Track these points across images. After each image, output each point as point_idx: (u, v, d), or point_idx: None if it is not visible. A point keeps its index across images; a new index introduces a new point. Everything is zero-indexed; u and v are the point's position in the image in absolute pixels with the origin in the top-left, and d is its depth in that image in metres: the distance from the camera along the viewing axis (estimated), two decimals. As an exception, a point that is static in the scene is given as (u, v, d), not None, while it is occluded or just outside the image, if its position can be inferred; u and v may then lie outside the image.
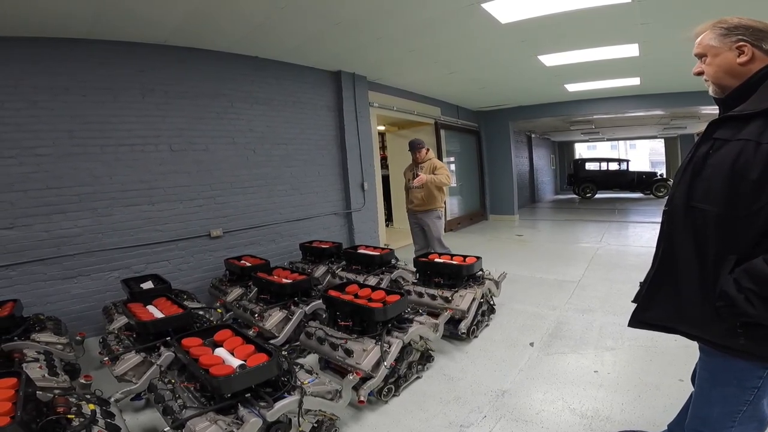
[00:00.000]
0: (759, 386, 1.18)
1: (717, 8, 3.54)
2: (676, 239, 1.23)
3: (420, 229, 4.80)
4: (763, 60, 1.15)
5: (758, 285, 1.02)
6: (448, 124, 8.32)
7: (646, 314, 1.33)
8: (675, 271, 1.23)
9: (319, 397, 1.87)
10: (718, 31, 1.22)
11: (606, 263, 5.41)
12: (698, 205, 1.16)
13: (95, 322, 3.46)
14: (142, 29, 3.57)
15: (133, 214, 3.79)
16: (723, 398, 1.26)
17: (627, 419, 2.14)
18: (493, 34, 4.28)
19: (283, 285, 3.17)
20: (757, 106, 1.08)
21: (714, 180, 1.12)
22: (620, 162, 16.01)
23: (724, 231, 1.11)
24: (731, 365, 1.20)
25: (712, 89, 1.27)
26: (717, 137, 1.15)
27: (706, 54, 1.25)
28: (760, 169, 1.02)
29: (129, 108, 3.76)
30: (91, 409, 1.67)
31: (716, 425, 1.29)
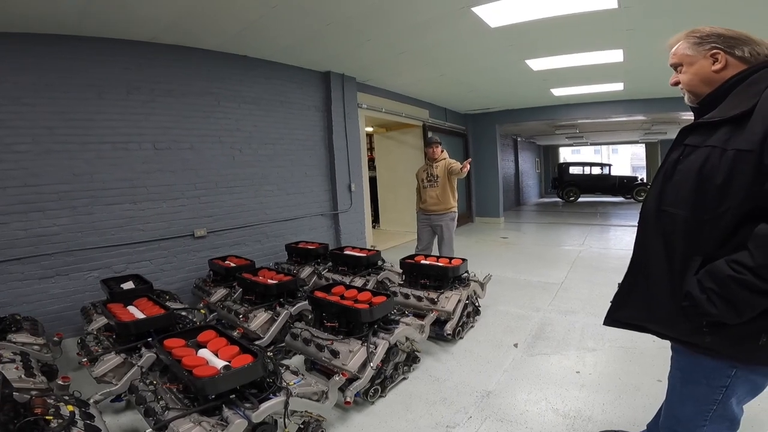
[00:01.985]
0: (727, 385, 1.20)
1: (701, 16, 3.66)
2: (647, 241, 1.26)
3: (429, 229, 4.72)
4: (736, 67, 1.18)
5: (719, 285, 1.05)
6: (436, 127, 8.36)
7: (620, 313, 1.36)
8: (646, 271, 1.26)
9: (305, 398, 1.86)
10: (691, 40, 1.24)
11: (588, 266, 5.50)
12: (668, 209, 1.19)
13: (73, 323, 3.38)
14: (131, 26, 3.51)
15: (114, 213, 3.71)
16: (694, 397, 1.29)
17: (608, 419, 2.18)
18: (482, 38, 4.32)
19: (268, 286, 3.14)
20: (725, 114, 1.11)
21: (682, 185, 1.16)
22: (603, 166, 16.34)
23: (691, 234, 1.14)
24: (700, 364, 1.23)
25: (687, 97, 1.30)
26: (687, 143, 1.19)
27: (682, 63, 1.28)
28: (725, 174, 1.06)
29: (113, 105, 3.68)
30: (69, 410, 1.63)
31: (689, 424, 1.32)
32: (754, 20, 3.72)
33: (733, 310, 1.05)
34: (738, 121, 1.07)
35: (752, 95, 1.08)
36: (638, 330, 1.34)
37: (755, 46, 1.17)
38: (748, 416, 2.15)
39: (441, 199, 4.54)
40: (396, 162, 8.61)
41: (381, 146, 9.05)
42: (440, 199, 4.55)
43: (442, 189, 4.54)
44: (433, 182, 4.58)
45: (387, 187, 8.97)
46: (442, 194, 4.54)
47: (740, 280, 1.01)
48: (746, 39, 1.18)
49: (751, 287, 1.00)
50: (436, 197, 4.56)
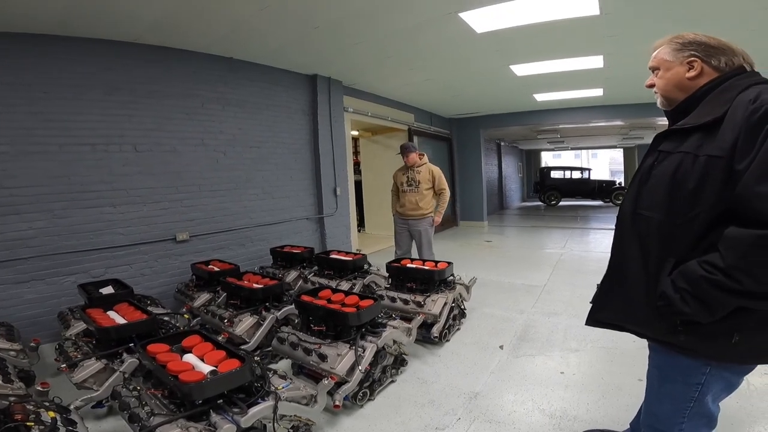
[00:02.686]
0: (702, 383, 1.24)
1: (680, 24, 3.78)
2: (624, 244, 1.30)
3: (408, 233, 4.69)
4: (710, 75, 1.22)
5: (692, 285, 1.09)
6: (421, 131, 8.42)
7: (600, 314, 1.40)
8: (623, 273, 1.30)
9: (294, 402, 1.84)
10: (673, 45, 1.28)
11: (569, 268, 5.61)
12: (643, 213, 1.23)
13: (50, 329, 3.26)
14: (113, 27, 3.44)
15: (93, 216, 3.61)
16: (671, 395, 1.32)
17: (593, 418, 2.21)
18: (468, 43, 4.37)
19: (254, 290, 3.10)
20: (697, 121, 1.15)
21: (657, 189, 1.20)
22: (583, 171, 16.69)
23: (665, 236, 1.18)
24: (676, 362, 1.26)
25: (660, 101, 1.34)
26: (661, 149, 1.23)
27: (659, 67, 1.31)
28: (696, 179, 1.10)
29: (93, 106, 3.59)
30: (51, 416, 1.58)
31: (668, 422, 1.35)
32: (731, 29, 3.87)
33: (705, 309, 1.08)
34: (709, 127, 1.11)
35: (723, 103, 1.12)
36: (618, 329, 1.37)
37: (732, 57, 1.22)
38: (726, 414, 2.21)
39: (420, 205, 4.53)
40: (381, 166, 8.62)
41: (366, 150, 9.06)
42: (419, 205, 4.53)
43: (422, 196, 4.52)
44: (413, 187, 4.55)
45: (372, 191, 8.97)
46: (422, 200, 4.52)
47: (712, 280, 1.04)
48: (726, 49, 1.22)
49: (722, 287, 1.03)
50: (415, 203, 4.54)
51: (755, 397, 2.29)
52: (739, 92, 1.12)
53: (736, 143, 1.04)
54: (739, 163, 1.03)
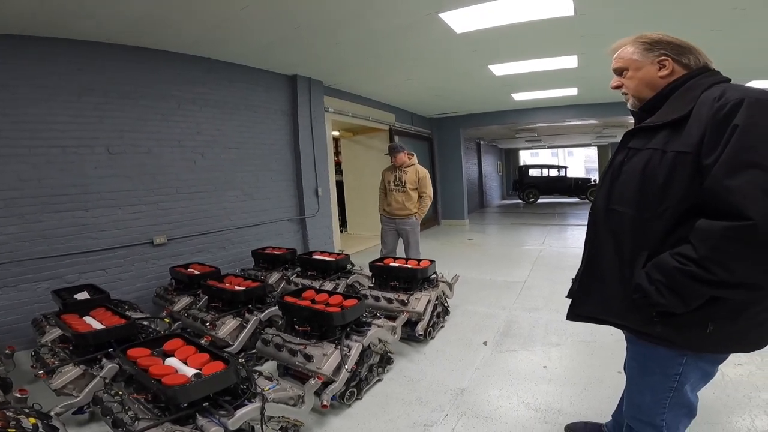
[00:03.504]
0: (680, 373, 1.27)
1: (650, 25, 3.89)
2: (599, 239, 1.34)
3: (394, 232, 4.72)
4: (680, 74, 1.25)
5: (666, 277, 1.12)
6: (402, 131, 8.45)
7: (580, 308, 1.43)
8: (600, 267, 1.33)
9: (281, 403, 1.82)
10: (641, 45, 1.30)
11: (548, 264, 5.73)
12: (616, 208, 1.27)
13: (25, 335, 3.15)
14: (86, 27, 3.34)
15: (65, 220, 3.49)
16: (651, 386, 1.36)
17: (576, 411, 2.26)
18: (448, 44, 4.41)
19: (236, 292, 3.06)
20: (664, 118, 1.19)
21: (628, 185, 1.23)
22: (559, 169, 17.04)
23: (637, 230, 1.21)
24: (654, 353, 1.30)
25: (631, 102, 1.36)
26: (631, 147, 1.27)
27: (628, 68, 1.32)
28: (665, 174, 1.14)
29: (64, 107, 3.47)
30: (32, 422, 1.55)
31: (650, 412, 1.38)
32: (701, 29, 4.02)
33: (679, 300, 1.11)
34: (676, 125, 1.15)
35: (688, 101, 1.16)
36: (599, 323, 1.40)
37: (698, 55, 1.26)
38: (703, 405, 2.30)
39: (406, 205, 4.56)
40: (363, 166, 8.62)
41: (348, 150, 9.03)
42: (405, 205, 4.57)
43: (408, 196, 4.56)
44: (400, 187, 4.58)
45: (354, 191, 8.96)
46: (408, 200, 4.56)
47: (685, 271, 1.08)
48: (691, 48, 1.27)
49: (695, 277, 1.07)
50: (401, 202, 4.57)
51: (730, 387, 2.37)
52: (703, 90, 1.15)
53: (703, 139, 1.07)
54: (706, 158, 1.06)
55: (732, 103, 1.05)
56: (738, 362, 2.64)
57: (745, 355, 2.70)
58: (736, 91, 1.08)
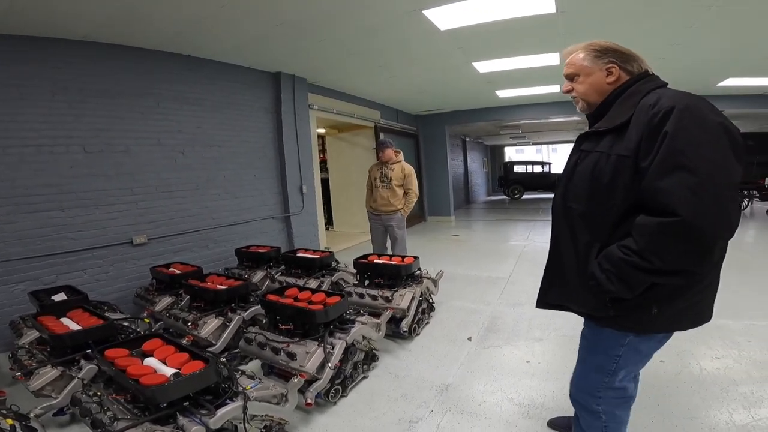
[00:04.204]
0: (620, 354, 1.40)
1: (628, 22, 3.96)
2: (559, 233, 1.46)
3: (382, 228, 4.73)
4: (623, 80, 1.36)
5: (613, 266, 1.23)
6: (387, 128, 8.44)
7: (547, 296, 1.55)
8: (561, 259, 1.45)
9: (264, 401, 1.80)
10: (591, 52, 1.39)
11: (532, 259, 5.79)
12: (571, 205, 1.38)
13: (2, 338, 3.07)
14: (59, 24, 3.25)
15: (40, 221, 3.39)
16: (595, 366, 1.48)
17: (559, 406, 2.28)
18: (432, 41, 4.41)
19: (218, 291, 3.02)
20: (609, 125, 1.30)
21: (580, 185, 1.35)
22: (543, 165, 17.23)
23: (589, 225, 1.33)
24: (602, 334, 1.41)
25: (580, 106, 1.47)
26: (583, 149, 1.38)
27: (579, 74, 1.42)
28: (609, 175, 1.26)
29: (36, 106, 3.37)
30: (9, 424, 1.52)
31: (588, 395, 1.51)
32: (680, 26, 4.09)
33: (626, 287, 1.23)
34: (619, 129, 1.27)
35: (629, 107, 1.27)
36: (563, 309, 1.52)
37: (640, 63, 1.37)
38: (682, 399, 2.34)
39: (391, 201, 4.59)
40: (348, 163, 8.59)
41: (333, 147, 8.99)
42: (390, 202, 4.59)
43: (393, 192, 4.58)
44: (386, 183, 4.60)
45: (340, 188, 8.92)
46: (393, 197, 4.59)
47: (629, 261, 1.19)
48: (635, 56, 1.38)
49: (637, 267, 1.18)
50: (386, 198, 4.60)
51: (708, 381, 2.42)
52: (642, 97, 1.27)
53: (641, 143, 1.19)
54: (643, 161, 1.18)
55: (664, 111, 1.15)
56: (715, 356, 2.70)
57: (723, 348, 2.79)
58: (669, 99, 1.19)
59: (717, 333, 3.01)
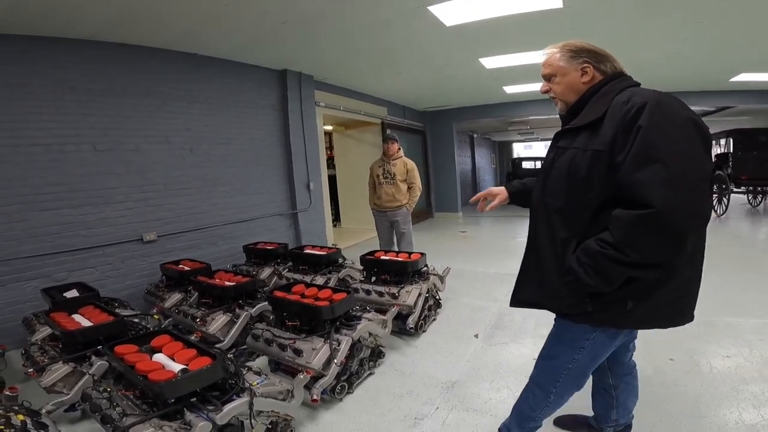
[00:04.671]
0: (585, 347, 1.44)
1: (636, 16, 3.90)
2: (537, 228, 1.46)
3: (388, 224, 4.75)
4: (597, 79, 1.39)
5: (591, 259, 1.25)
6: (394, 124, 8.42)
7: (521, 294, 1.55)
8: (538, 255, 1.45)
9: (270, 397, 1.82)
10: (567, 53, 1.42)
11: (542, 256, 5.73)
12: (549, 201, 1.41)
13: (15, 335, 3.12)
14: (66, 24, 3.29)
15: (51, 219, 3.45)
16: (558, 355, 1.52)
17: (565, 405, 2.26)
18: (438, 37, 4.39)
19: (226, 288, 3.05)
20: (584, 120, 1.33)
21: (558, 180, 1.38)
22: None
23: (567, 219, 1.35)
24: (571, 326, 1.45)
25: (559, 106, 1.49)
26: (559, 146, 1.41)
27: (555, 74, 1.45)
28: (586, 170, 1.28)
29: (45, 105, 3.42)
30: (20, 419, 1.54)
31: (548, 377, 1.56)
32: (689, 20, 4.02)
33: (604, 280, 1.25)
34: (594, 126, 1.30)
35: (603, 104, 1.30)
36: (537, 308, 1.53)
37: (613, 62, 1.41)
38: (691, 398, 2.31)
39: (396, 197, 4.61)
40: (355, 160, 8.59)
41: (340, 144, 9.00)
42: (395, 197, 4.61)
43: (397, 188, 4.60)
44: (389, 179, 4.62)
45: (347, 185, 8.93)
46: (398, 192, 4.61)
47: (606, 254, 1.21)
48: (608, 55, 1.41)
49: (614, 259, 1.20)
50: (391, 194, 4.61)
51: (718, 380, 2.38)
52: (615, 95, 1.30)
53: (615, 139, 1.22)
54: (617, 156, 1.21)
55: (637, 107, 1.19)
56: (726, 354, 2.66)
57: (734, 346, 2.75)
58: (641, 96, 1.23)
59: (728, 331, 2.97)
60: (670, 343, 2.84)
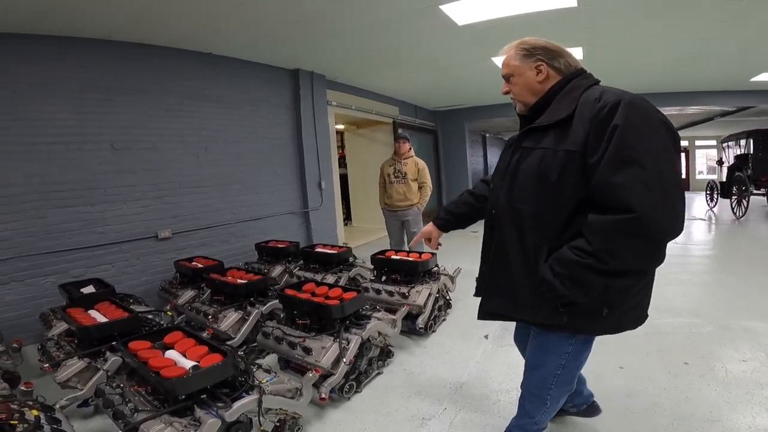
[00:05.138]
0: (569, 352, 1.43)
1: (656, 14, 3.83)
2: (505, 237, 1.40)
3: (398, 224, 4.76)
4: (553, 77, 1.35)
5: (567, 269, 1.20)
6: (406, 123, 8.41)
7: (490, 306, 1.53)
8: (507, 264, 1.40)
9: (279, 395, 1.84)
10: (521, 52, 1.38)
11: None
12: (518, 206, 1.34)
13: (32, 330, 3.20)
14: (84, 24, 3.36)
15: (70, 215, 3.54)
16: (546, 363, 1.50)
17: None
18: (450, 36, 4.37)
19: (237, 286, 3.08)
20: (551, 119, 1.28)
21: (526, 184, 1.32)
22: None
23: (538, 225, 1.30)
24: (551, 337, 1.44)
25: (518, 107, 1.45)
26: (524, 147, 1.36)
27: (513, 74, 1.41)
28: (558, 171, 1.23)
29: (65, 104, 3.50)
30: (34, 415, 1.57)
31: (541, 386, 1.55)
32: (707, 21, 3.93)
33: (581, 290, 1.21)
34: (563, 124, 1.25)
35: (570, 102, 1.26)
36: (507, 320, 1.56)
37: (567, 58, 1.37)
38: (706, 402, 2.28)
39: (407, 196, 4.61)
40: (367, 159, 8.60)
41: (352, 144, 9.03)
42: (406, 196, 4.62)
43: (408, 187, 4.60)
44: (400, 179, 4.63)
45: (358, 184, 8.96)
46: (408, 191, 4.61)
47: (584, 263, 1.17)
48: (562, 51, 1.37)
49: (592, 269, 1.16)
50: (402, 193, 4.62)
51: (733, 384, 2.34)
52: (582, 92, 1.26)
53: (588, 139, 1.18)
54: (591, 157, 1.17)
55: (610, 105, 1.15)
56: (742, 358, 2.61)
57: (750, 350, 2.69)
58: (612, 94, 1.19)
59: (745, 335, 2.91)
60: (686, 347, 2.80)
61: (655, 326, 3.17)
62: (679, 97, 8.10)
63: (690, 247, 6.21)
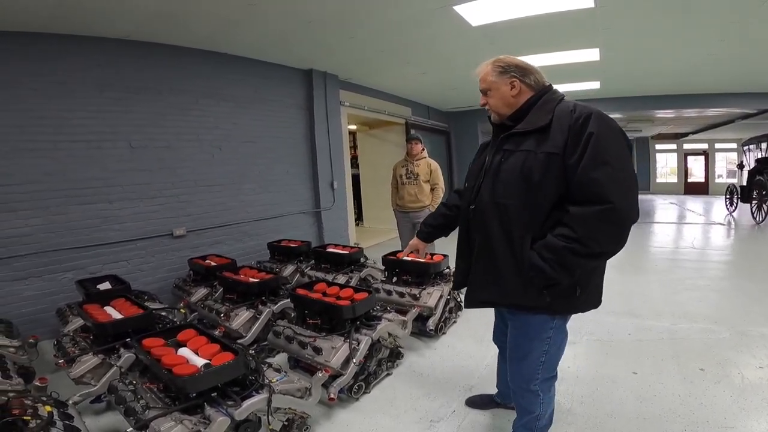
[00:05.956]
0: (551, 336, 1.57)
1: (672, 15, 3.76)
2: (490, 230, 1.53)
3: (410, 225, 4.73)
4: (525, 92, 1.54)
5: (555, 255, 1.37)
6: (418, 124, 8.39)
7: (480, 295, 1.63)
8: (493, 255, 1.53)
9: (288, 395, 1.85)
10: (497, 69, 1.57)
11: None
12: (501, 201, 1.50)
13: (49, 325, 3.27)
14: (104, 24, 3.43)
15: (89, 212, 3.62)
16: (530, 351, 1.61)
17: (587, 411, 2.21)
18: (463, 36, 4.35)
19: (249, 284, 3.11)
20: (531, 126, 1.47)
21: (509, 182, 1.48)
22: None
23: (522, 218, 1.46)
24: (532, 321, 1.55)
25: (493, 117, 1.63)
26: (506, 149, 1.53)
27: (490, 89, 1.59)
28: (540, 171, 1.41)
29: (85, 103, 3.58)
30: (47, 410, 1.60)
31: (528, 377, 1.64)
32: (726, 22, 3.84)
33: (567, 272, 1.39)
34: (541, 131, 1.44)
35: (547, 112, 1.46)
36: (494, 306, 1.72)
37: (537, 75, 1.55)
38: (720, 408, 2.23)
39: (419, 197, 4.59)
40: (379, 159, 8.61)
41: (364, 144, 9.04)
42: (418, 198, 4.59)
43: (420, 188, 4.58)
44: (412, 179, 4.61)
45: (370, 184, 8.97)
46: (420, 193, 4.59)
47: (569, 248, 1.35)
48: (532, 69, 1.56)
49: (578, 253, 1.35)
50: (414, 195, 4.60)
51: (749, 391, 2.29)
52: (556, 104, 1.47)
53: (567, 143, 1.38)
54: (569, 159, 1.37)
55: (584, 116, 1.38)
56: (759, 365, 2.55)
57: (767, 357, 2.63)
58: (583, 107, 1.42)
59: (762, 342, 2.84)
60: (702, 352, 2.75)
61: (671, 331, 3.12)
62: (699, 99, 7.92)
63: (708, 253, 6.08)
